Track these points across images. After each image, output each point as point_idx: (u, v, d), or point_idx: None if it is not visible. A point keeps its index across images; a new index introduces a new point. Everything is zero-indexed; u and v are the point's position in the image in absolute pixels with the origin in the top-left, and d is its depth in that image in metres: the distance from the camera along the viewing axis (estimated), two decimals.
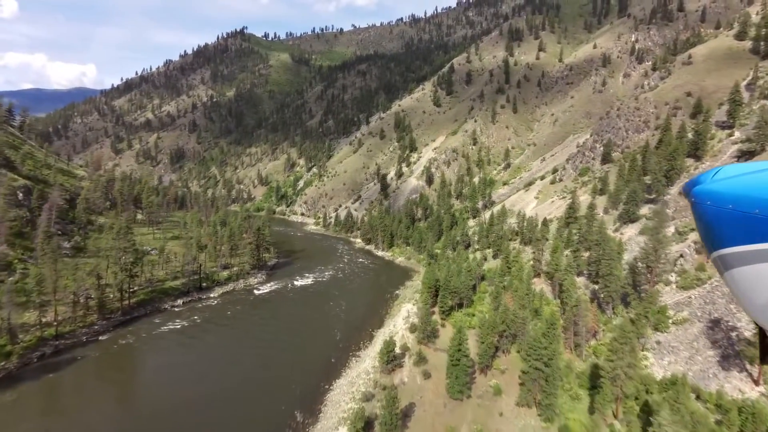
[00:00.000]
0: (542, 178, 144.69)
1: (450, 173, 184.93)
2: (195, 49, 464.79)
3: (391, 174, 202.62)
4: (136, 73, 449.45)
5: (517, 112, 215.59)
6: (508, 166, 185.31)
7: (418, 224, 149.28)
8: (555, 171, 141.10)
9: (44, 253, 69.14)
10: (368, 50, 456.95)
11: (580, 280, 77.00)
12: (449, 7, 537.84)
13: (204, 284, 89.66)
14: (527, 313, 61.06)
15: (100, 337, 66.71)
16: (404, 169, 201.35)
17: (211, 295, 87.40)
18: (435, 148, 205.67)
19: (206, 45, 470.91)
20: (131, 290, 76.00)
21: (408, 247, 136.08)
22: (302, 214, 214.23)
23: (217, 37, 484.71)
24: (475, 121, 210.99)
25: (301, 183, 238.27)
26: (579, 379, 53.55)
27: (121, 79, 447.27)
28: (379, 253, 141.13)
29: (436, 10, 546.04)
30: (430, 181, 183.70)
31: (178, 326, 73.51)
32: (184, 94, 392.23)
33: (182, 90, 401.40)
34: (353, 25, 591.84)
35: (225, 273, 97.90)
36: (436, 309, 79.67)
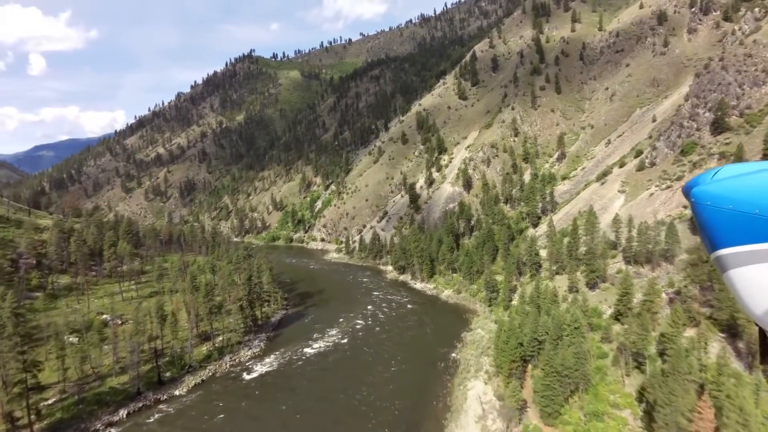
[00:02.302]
0: (621, 164, 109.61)
1: (492, 173, 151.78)
2: (204, 79, 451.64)
3: (420, 182, 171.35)
4: (149, 110, 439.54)
5: (561, 92, 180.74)
6: (562, 156, 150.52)
7: (463, 241, 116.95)
8: (639, 153, 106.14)
9: None
10: (379, 56, 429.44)
11: None
12: (459, 0, 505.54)
13: (168, 374, 60.59)
14: None
15: None
16: (435, 174, 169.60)
17: (176, 393, 57.69)
18: (468, 146, 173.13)
19: (215, 72, 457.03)
20: (36, 408, 47.74)
21: (455, 275, 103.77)
22: (322, 240, 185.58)
23: (226, 63, 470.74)
24: (513, 108, 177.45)
25: (318, 204, 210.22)
26: None
27: (135, 117, 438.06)
28: (418, 285, 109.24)
29: (446, 6, 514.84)
30: (468, 185, 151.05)
31: None
32: (195, 124, 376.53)
33: (192, 120, 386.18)
34: (361, 34, 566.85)
35: (204, 348, 68.78)
36: (527, 394, 47.28)
